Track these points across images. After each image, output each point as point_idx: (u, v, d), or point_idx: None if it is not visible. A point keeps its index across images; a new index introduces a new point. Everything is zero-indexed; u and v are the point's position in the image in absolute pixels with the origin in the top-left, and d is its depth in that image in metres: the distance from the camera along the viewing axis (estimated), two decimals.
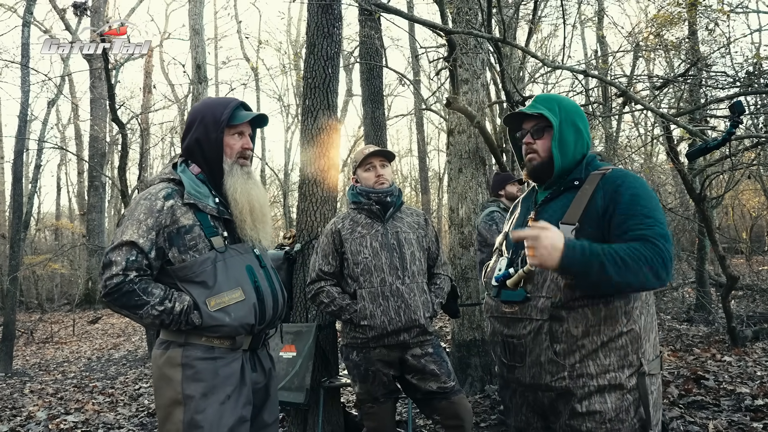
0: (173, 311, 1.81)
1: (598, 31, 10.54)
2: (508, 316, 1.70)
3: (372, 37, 6.52)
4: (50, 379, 7.74)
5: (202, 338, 1.87)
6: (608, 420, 1.58)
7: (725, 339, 5.81)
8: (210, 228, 1.93)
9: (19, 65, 9.40)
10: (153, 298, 1.81)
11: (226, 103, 2.02)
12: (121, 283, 1.78)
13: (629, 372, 1.59)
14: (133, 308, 1.80)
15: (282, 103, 21.47)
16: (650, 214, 1.56)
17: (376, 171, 2.84)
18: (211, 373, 1.86)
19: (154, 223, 1.86)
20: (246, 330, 1.92)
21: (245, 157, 2.06)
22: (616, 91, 4.74)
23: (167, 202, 1.89)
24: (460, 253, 5.06)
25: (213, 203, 1.97)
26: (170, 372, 1.86)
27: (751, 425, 3.38)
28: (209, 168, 2.00)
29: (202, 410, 1.81)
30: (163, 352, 1.89)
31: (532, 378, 1.66)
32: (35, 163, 13.53)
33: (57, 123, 23.12)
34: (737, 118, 2.47)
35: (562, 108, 1.77)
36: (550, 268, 1.53)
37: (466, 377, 4.82)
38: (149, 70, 18.45)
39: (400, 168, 28.07)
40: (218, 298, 1.87)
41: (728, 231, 13.87)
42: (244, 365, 1.95)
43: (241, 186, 2.00)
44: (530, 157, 1.80)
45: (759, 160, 6.72)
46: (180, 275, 1.87)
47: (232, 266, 1.93)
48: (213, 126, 1.97)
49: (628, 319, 1.60)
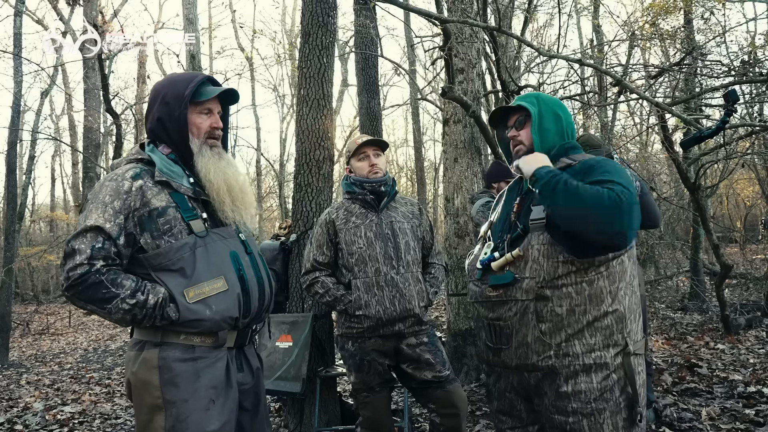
0: (146, 305, 1.61)
1: (594, 20, 10.51)
2: (493, 300, 1.73)
3: (367, 26, 6.49)
4: (47, 370, 7.75)
5: (181, 336, 1.67)
6: (593, 399, 1.60)
7: (719, 327, 5.86)
8: (188, 210, 1.73)
9: (12, 55, 9.32)
10: (123, 290, 1.60)
11: (190, 78, 1.82)
12: (86, 273, 1.58)
13: (615, 351, 1.62)
14: (100, 302, 1.60)
15: (277, 93, 21.43)
16: (615, 179, 1.57)
17: (369, 160, 2.83)
18: (192, 376, 1.66)
19: (122, 205, 1.65)
20: (229, 324, 1.72)
21: (214, 137, 1.86)
22: (612, 80, 4.73)
23: (135, 182, 1.69)
24: (456, 242, 5.07)
25: (188, 183, 1.78)
26: (146, 375, 1.66)
27: (743, 412, 3.41)
28: (177, 148, 1.82)
29: (184, 418, 1.63)
30: (138, 353, 1.69)
31: (519, 359, 1.69)
32: (29, 155, 13.48)
33: (50, 114, 22.97)
34: (731, 107, 2.47)
35: (540, 100, 1.85)
36: (530, 168, 1.70)
37: (462, 366, 4.85)
38: (143, 60, 18.30)
39: (396, 158, 28.06)
40: (197, 288, 1.66)
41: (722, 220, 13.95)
42: (230, 365, 1.75)
43: (214, 166, 1.81)
44: (517, 149, 1.88)
45: (753, 149, 6.74)
46: (154, 264, 1.67)
47: (213, 252, 1.72)
48: (175, 103, 1.77)
49: (613, 299, 1.63)
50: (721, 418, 3.38)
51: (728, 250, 10.67)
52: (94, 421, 4.67)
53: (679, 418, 3.40)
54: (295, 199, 3.78)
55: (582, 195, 1.53)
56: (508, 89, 5.33)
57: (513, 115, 1.90)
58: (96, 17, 9.99)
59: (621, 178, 1.59)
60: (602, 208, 1.50)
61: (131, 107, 11.19)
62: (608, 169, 1.63)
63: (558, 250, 1.62)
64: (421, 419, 3.93)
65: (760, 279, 7.64)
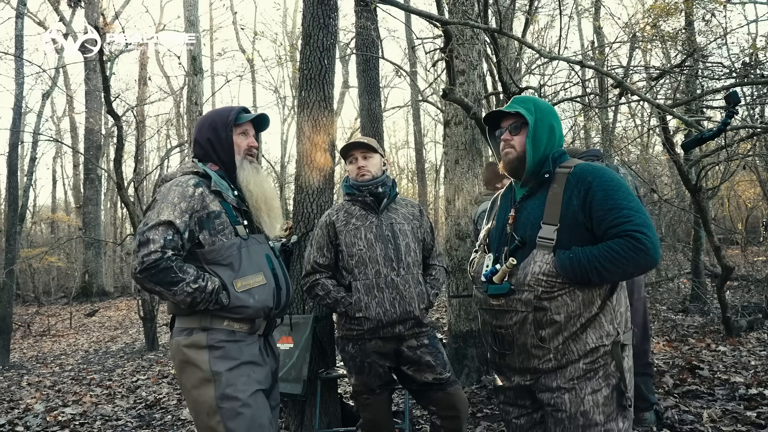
0: (206, 289, 1.92)
1: (595, 22, 10.50)
2: (496, 308, 1.83)
3: (368, 28, 6.49)
4: (48, 371, 7.75)
5: (225, 322, 2.00)
6: (576, 377, 1.73)
7: (720, 329, 5.84)
8: (234, 217, 2.08)
9: (13, 57, 9.34)
10: (188, 276, 1.90)
11: (231, 107, 2.23)
12: (160, 259, 1.87)
13: (607, 341, 1.74)
14: (168, 285, 1.89)
15: (278, 94, 21.44)
16: (624, 205, 1.68)
17: (357, 163, 2.83)
18: (237, 352, 2.00)
19: (188, 206, 1.97)
20: (265, 313, 2.06)
21: (251, 155, 2.22)
22: (613, 82, 4.73)
23: (197, 189, 2.03)
24: (457, 244, 5.07)
25: (233, 195, 2.14)
26: (196, 355, 1.97)
27: (744, 414, 3.41)
28: (224, 165, 2.17)
29: (232, 383, 1.95)
30: (187, 336, 2.00)
31: (521, 363, 1.81)
32: (30, 156, 13.44)
33: (52, 115, 23.04)
34: (733, 108, 2.47)
35: (537, 108, 1.89)
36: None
37: (463, 368, 4.84)
38: (144, 62, 18.32)
39: (397, 160, 28.06)
40: (244, 280, 2.01)
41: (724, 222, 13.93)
42: (261, 348, 2.11)
43: (254, 178, 2.17)
44: (507, 152, 1.93)
45: (755, 151, 6.73)
46: (208, 258, 2.00)
47: (254, 253, 2.09)
48: (222, 126, 2.15)
49: (602, 299, 1.75)
50: (723, 421, 3.37)
51: (729, 252, 10.65)
52: (95, 423, 4.67)
53: (680, 420, 3.39)
54: (296, 200, 3.78)
55: (609, 269, 1.65)
56: (509, 91, 5.33)
57: (509, 118, 1.94)
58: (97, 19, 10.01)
59: (633, 207, 1.68)
60: (633, 264, 1.63)
61: (132, 109, 11.19)
62: (617, 196, 1.69)
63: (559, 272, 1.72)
64: (422, 421, 3.93)
65: (761, 281, 7.63)
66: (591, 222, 1.72)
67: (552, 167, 1.84)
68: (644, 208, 1.71)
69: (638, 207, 1.68)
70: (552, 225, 1.75)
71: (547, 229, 1.75)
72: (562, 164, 1.85)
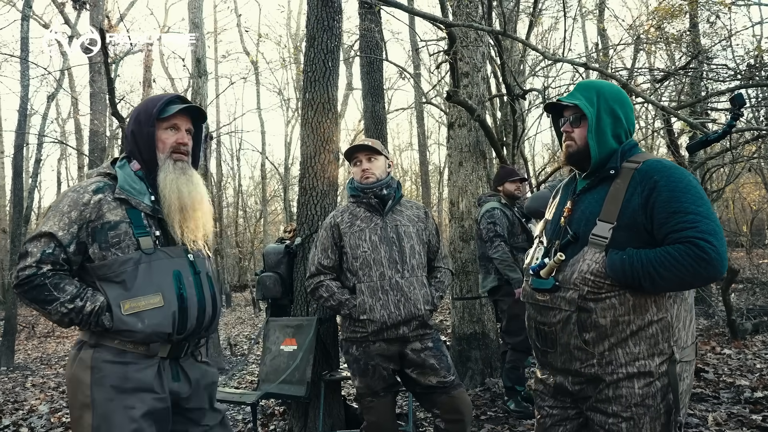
0: (83, 311, 1.72)
1: (599, 24, 10.49)
2: (541, 304, 1.74)
3: (372, 30, 6.50)
4: (52, 372, 7.77)
5: (115, 341, 1.77)
6: (633, 404, 1.61)
7: (725, 332, 5.82)
8: (141, 227, 1.83)
9: (19, 59, 9.39)
10: (64, 294, 1.72)
11: (160, 97, 1.95)
12: (33, 276, 1.70)
13: (660, 360, 1.60)
14: (41, 303, 1.72)
15: (282, 96, 21.47)
16: (691, 209, 1.53)
17: (361, 165, 2.83)
18: (119, 378, 1.75)
19: (78, 216, 1.77)
20: (161, 338, 1.79)
21: (180, 152, 1.94)
22: (617, 83, 4.72)
23: (95, 196, 1.80)
24: (461, 246, 5.06)
25: (148, 201, 1.88)
26: (81, 374, 1.77)
27: (750, 417, 3.39)
28: (146, 164, 1.92)
29: (109, 417, 1.72)
30: (76, 353, 1.81)
31: (563, 363, 1.71)
32: (35, 158, 13.48)
33: (57, 117, 23.08)
34: (738, 110, 2.46)
35: (601, 96, 1.76)
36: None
37: (467, 370, 4.83)
38: (149, 64, 18.37)
39: (401, 162, 28.06)
40: (134, 301, 1.76)
41: (729, 224, 13.87)
42: (162, 373, 1.82)
43: (171, 182, 1.88)
44: (567, 144, 1.81)
45: (760, 153, 6.71)
46: (99, 273, 1.78)
47: (156, 270, 1.81)
48: (145, 120, 1.90)
49: (659, 308, 1.60)
50: (728, 424, 3.35)
51: (734, 255, 10.62)
52: None
53: (685, 423, 3.37)
54: (300, 202, 3.78)
55: (663, 275, 1.51)
56: (513, 93, 5.33)
57: (570, 107, 1.81)
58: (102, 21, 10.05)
59: (701, 212, 1.53)
60: (692, 273, 1.49)
61: None
62: (684, 199, 1.55)
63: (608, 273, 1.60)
64: (426, 424, 3.92)
65: (766, 284, 7.60)
66: (652, 224, 1.58)
67: (619, 163, 1.71)
68: (715, 215, 1.56)
69: (707, 212, 1.53)
70: (608, 223, 1.63)
71: (602, 226, 1.63)
72: (631, 158, 1.70)
